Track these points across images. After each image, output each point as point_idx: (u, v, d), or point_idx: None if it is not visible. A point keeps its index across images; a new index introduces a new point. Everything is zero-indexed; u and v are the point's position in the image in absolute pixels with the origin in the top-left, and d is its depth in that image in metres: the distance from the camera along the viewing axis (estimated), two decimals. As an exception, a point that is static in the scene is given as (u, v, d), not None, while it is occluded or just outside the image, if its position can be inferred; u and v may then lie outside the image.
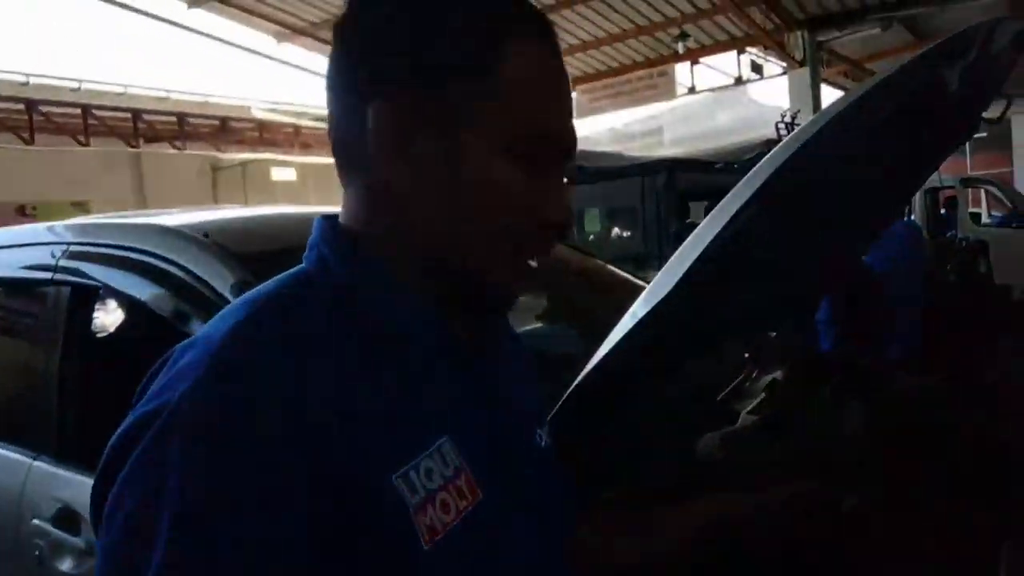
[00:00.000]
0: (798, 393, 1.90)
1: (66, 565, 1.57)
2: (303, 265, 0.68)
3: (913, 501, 1.64)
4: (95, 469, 1.69)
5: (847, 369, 2.11)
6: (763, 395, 1.83)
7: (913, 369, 2.28)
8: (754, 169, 0.95)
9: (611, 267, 2.45)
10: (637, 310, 1.01)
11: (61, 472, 1.67)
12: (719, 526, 0.92)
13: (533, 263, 0.68)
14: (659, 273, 1.03)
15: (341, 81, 0.66)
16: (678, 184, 6.37)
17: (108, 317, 2.09)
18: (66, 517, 1.58)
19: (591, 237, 6.99)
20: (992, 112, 1.48)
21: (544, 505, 0.73)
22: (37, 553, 1.63)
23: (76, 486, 1.60)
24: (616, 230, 7.11)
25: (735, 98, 12.93)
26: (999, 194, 8.63)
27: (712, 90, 12.16)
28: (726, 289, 1.13)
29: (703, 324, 1.27)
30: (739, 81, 11.32)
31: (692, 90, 11.76)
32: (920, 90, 1.05)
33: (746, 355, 2.13)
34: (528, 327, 2.14)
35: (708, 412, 1.67)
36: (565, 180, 0.69)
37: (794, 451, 1.73)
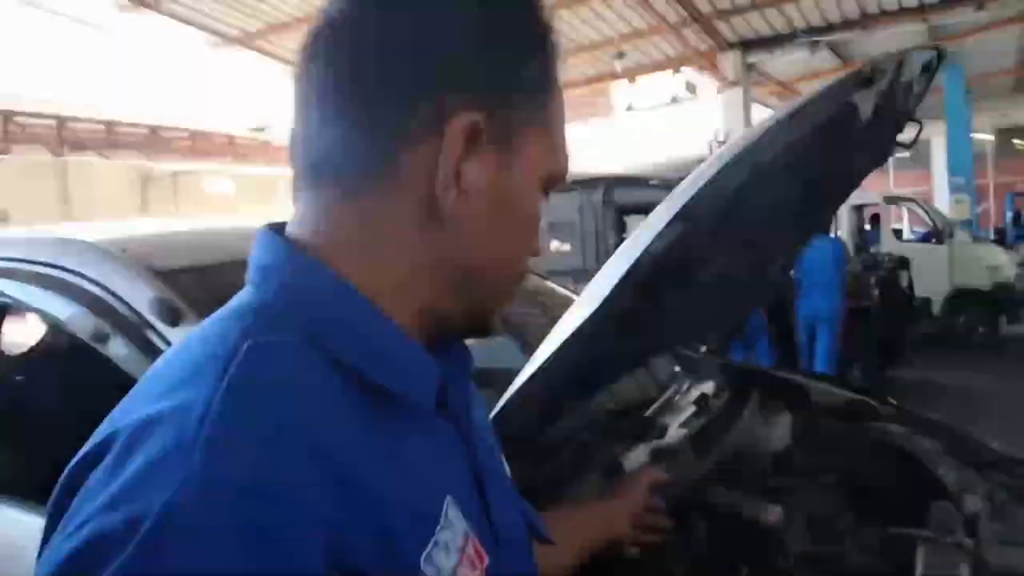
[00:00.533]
0: (726, 407, 1.93)
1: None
2: (255, 296, 0.56)
3: (833, 510, 1.69)
4: (4, 493, 1.58)
5: (773, 383, 2.16)
6: (693, 409, 1.86)
7: (836, 382, 2.35)
8: (677, 188, 0.97)
9: (548, 282, 2.46)
10: (565, 325, 1.01)
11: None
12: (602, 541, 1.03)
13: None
14: (588, 286, 1.05)
15: (363, 92, 0.56)
16: (615, 199, 6.50)
17: (20, 334, 2.00)
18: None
19: (530, 251, 7.05)
20: (906, 136, 1.55)
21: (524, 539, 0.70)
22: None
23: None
24: (555, 243, 7.20)
25: (670, 116, 13.22)
26: (920, 211, 9.05)
27: (649, 108, 12.43)
28: (652, 303, 1.15)
29: (630, 337, 1.29)
30: (675, 100, 11.62)
31: (630, 108, 12.01)
32: (835, 115, 1.10)
33: (676, 369, 2.17)
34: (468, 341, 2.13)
35: (638, 426, 1.69)
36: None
37: (720, 464, 1.76)
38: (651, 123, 12.52)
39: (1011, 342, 8.12)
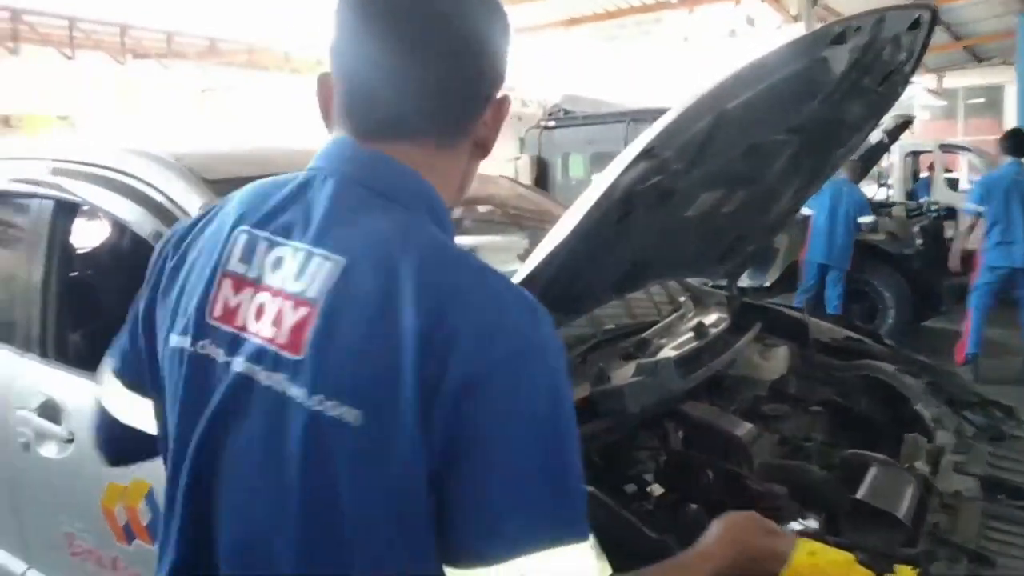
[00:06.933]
0: (722, 335, 2.07)
1: (49, 451, 1.74)
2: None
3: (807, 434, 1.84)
4: (76, 365, 1.81)
5: (776, 318, 2.29)
6: (691, 335, 2.01)
7: (840, 322, 2.47)
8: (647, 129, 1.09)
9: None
10: (544, 245, 1.14)
11: (46, 368, 1.81)
12: None
13: None
14: (567, 211, 1.16)
15: None
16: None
17: (87, 229, 2.23)
18: (50, 408, 1.74)
19: (574, 182, 7.09)
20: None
21: None
22: (23, 440, 1.78)
23: (59, 380, 1.76)
24: (596, 176, 7.18)
25: (728, 51, 12.84)
26: (976, 161, 8.73)
27: (706, 41, 12.08)
28: (630, 232, 1.28)
29: (610, 262, 1.42)
30: (733, 34, 11.27)
31: (686, 40, 11.70)
32: (804, 68, 1.19)
33: (683, 298, 2.31)
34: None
35: (633, 345, 1.84)
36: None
37: (712, 386, 1.92)
38: (708, 56, 12.17)
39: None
